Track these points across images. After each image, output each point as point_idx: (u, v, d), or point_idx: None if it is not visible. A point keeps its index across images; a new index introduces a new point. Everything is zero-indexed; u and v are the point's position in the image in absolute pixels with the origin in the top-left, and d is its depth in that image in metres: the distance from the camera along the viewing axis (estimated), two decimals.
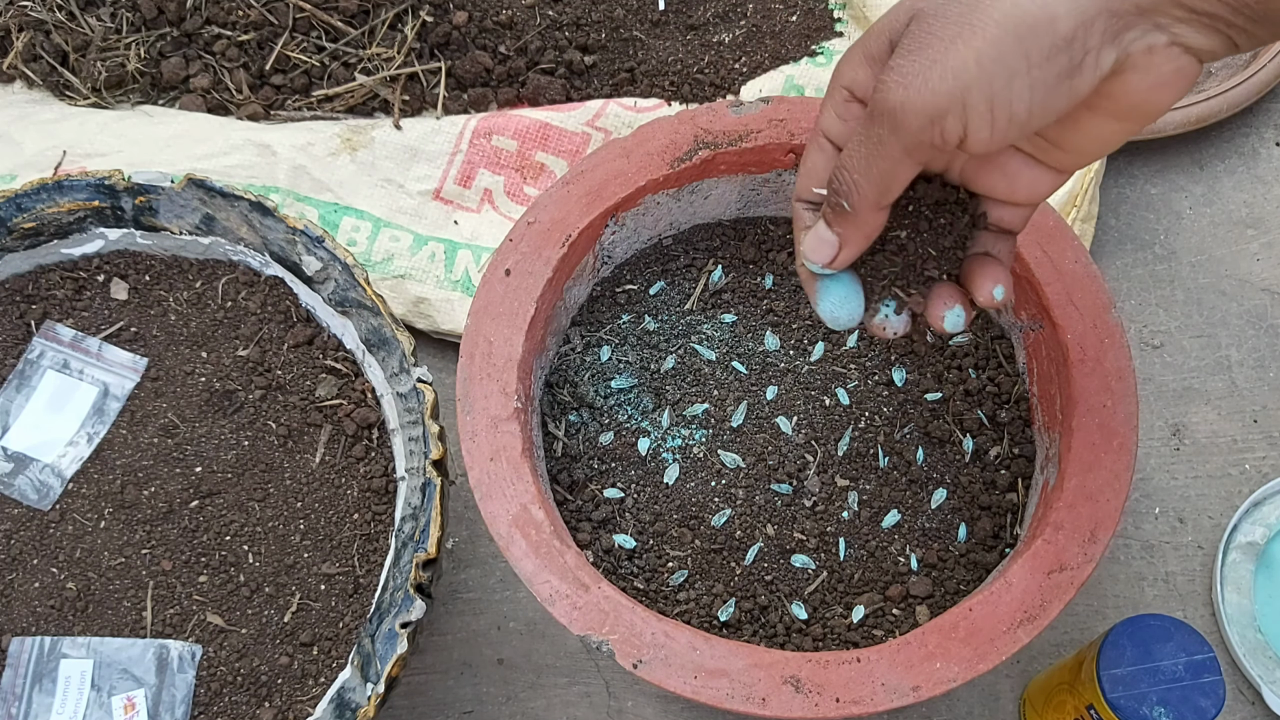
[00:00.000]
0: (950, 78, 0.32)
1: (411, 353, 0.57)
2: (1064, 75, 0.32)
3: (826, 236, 0.38)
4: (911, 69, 0.33)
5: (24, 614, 0.56)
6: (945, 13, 0.33)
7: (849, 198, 0.36)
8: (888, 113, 0.33)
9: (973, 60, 0.32)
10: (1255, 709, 0.64)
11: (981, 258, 0.41)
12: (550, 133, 0.74)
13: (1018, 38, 0.31)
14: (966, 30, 0.32)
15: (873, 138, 0.34)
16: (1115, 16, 0.32)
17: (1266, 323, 0.74)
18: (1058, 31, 0.31)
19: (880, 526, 0.56)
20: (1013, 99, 0.32)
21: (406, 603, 0.51)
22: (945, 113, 0.33)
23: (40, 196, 0.61)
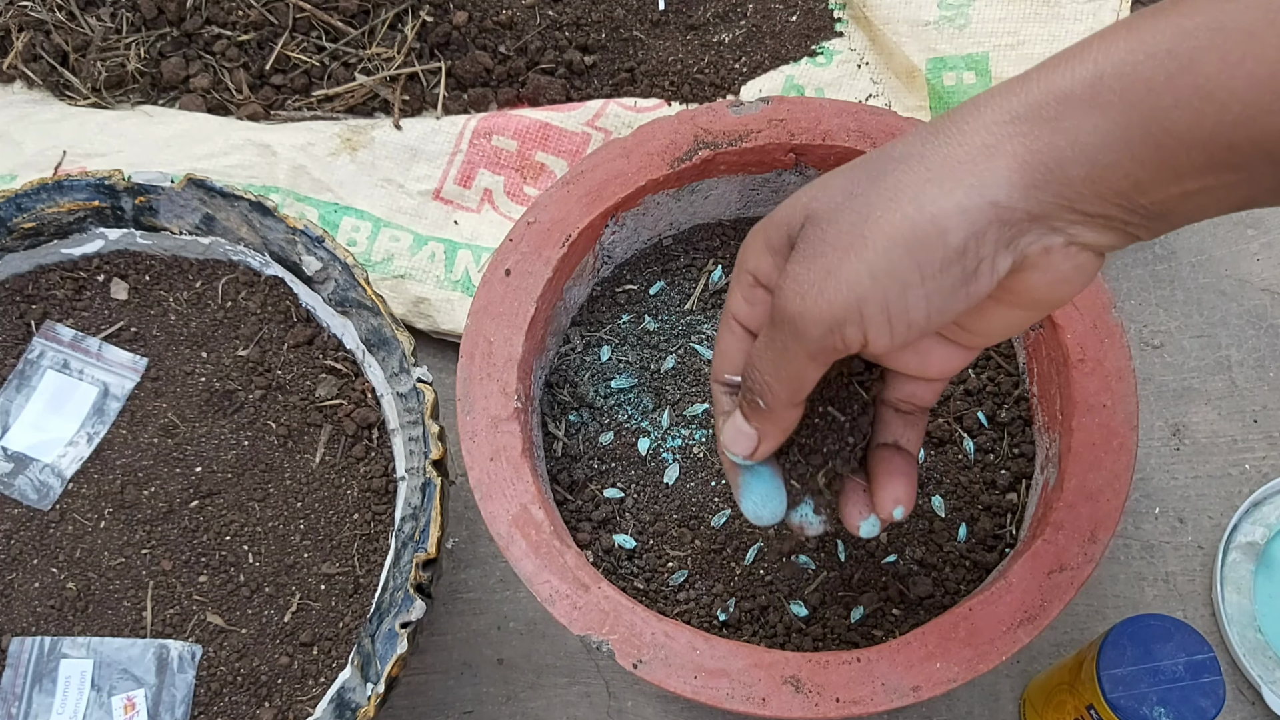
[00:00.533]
0: (845, 289, 0.32)
1: (411, 353, 0.57)
2: (959, 283, 0.32)
3: (745, 429, 0.39)
4: (807, 278, 0.33)
5: (24, 614, 0.56)
6: (838, 220, 0.33)
7: (763, 397, 0.37)
8: (788, 321, 0.34)
9: (866, 273, 0.32)
10: (1255, 709, 0.64)
11: (889, 454, 0.41)
12: (550, 133, 0.74)
13: (908, 250, 0.32)
14: (858, 241, 0.32)
15: (778, 344, 0.35)
16: (1007, 225, 0.32)
17: (1266, 323, 0.74)
18: (949, 244, 0.32)
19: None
20: (909, 308, 0.33)
21: (406, 603, 0.51)
22: (844, 323, 0.33)
23: (40, 196, 0.61)
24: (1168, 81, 0.30)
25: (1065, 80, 0.31)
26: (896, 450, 0.42)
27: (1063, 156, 0.31)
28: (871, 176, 0.33)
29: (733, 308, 0.39)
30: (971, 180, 0.31)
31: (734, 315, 0.39)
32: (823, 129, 0.58)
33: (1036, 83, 0.32)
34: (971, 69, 0.74)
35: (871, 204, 0.33)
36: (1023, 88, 0.32)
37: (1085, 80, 0.31)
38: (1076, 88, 0.31)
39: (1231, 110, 0.29)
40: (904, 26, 0.75)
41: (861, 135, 0.58)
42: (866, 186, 0.33)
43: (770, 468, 0.42)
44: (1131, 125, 0.30)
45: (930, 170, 0.32)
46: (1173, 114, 0.30)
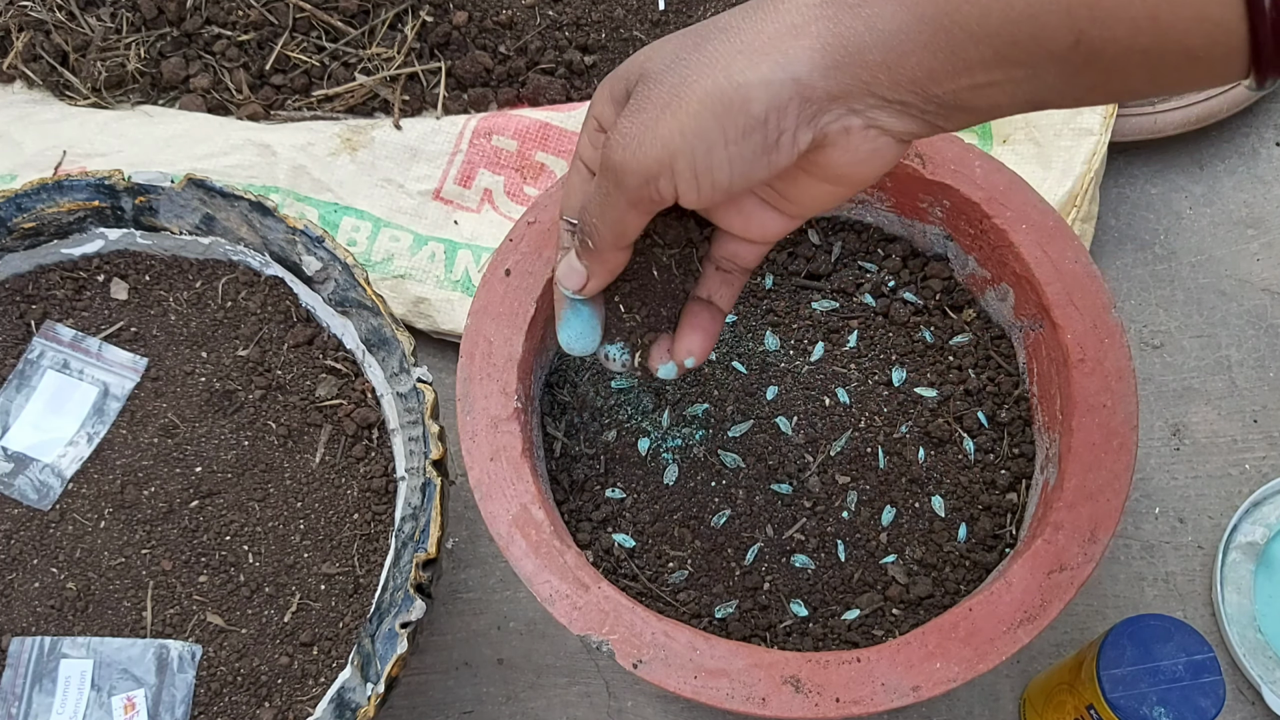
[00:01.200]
0: (659, 145, 0.35)
1: (411, 353, 0.57)
2: (760, 151, 0.35)
3: (576, 266, 0.42)
4: (630, 132, 0.36)
5: (24, 614, 0.56)
6: (663, 80, 0.36)
7: (592, 238, 0.40)
8: (612, 169, 0.37)
9: (678, 131, 0.35)
10: (1255, 709, 0.64)
11: (700, 307, 0.45)
12: (550, 133, 0.74)
13: (715, 115, 0.35)
14: (675, 101, 0.35)
15: (603, 189, 0.38)
16: (809, 102, 0.34)
17: (1266, 323, 0.74)
18: (751, 113, 0.34)
19: (880, 526, 0.56)
20: (713, 168, 0.36)
21: (406, 603, 0.51)
22: (658, 175, 0.36)
23: (40, 196, 0.61)
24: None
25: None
26: (707, 305, 0.45)
27: (862, 41, 0.33)
28: (696, 43, 0.36)
29: (580, 150, 0.42)
30: (777, 56, 0.34)
31: (580, 157, 0.42)
32: None
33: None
34: None
35: (690, 69, 0.35)
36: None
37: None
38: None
39: (1015, 7, 0.31)
40: None
41: None
42: (690, 52, 0.36)
43: (591, 307, 0.45)
44: (924, 16, 0.32)
45: (743, 43, 0.35)
46: (962, 8, 0.32)
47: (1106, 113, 0.72)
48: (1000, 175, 0.57)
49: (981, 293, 0.60)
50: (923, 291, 0.61)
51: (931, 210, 0.59)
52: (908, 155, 0.57)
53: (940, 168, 0.57)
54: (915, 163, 0.57)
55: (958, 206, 0.57)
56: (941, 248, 0.61)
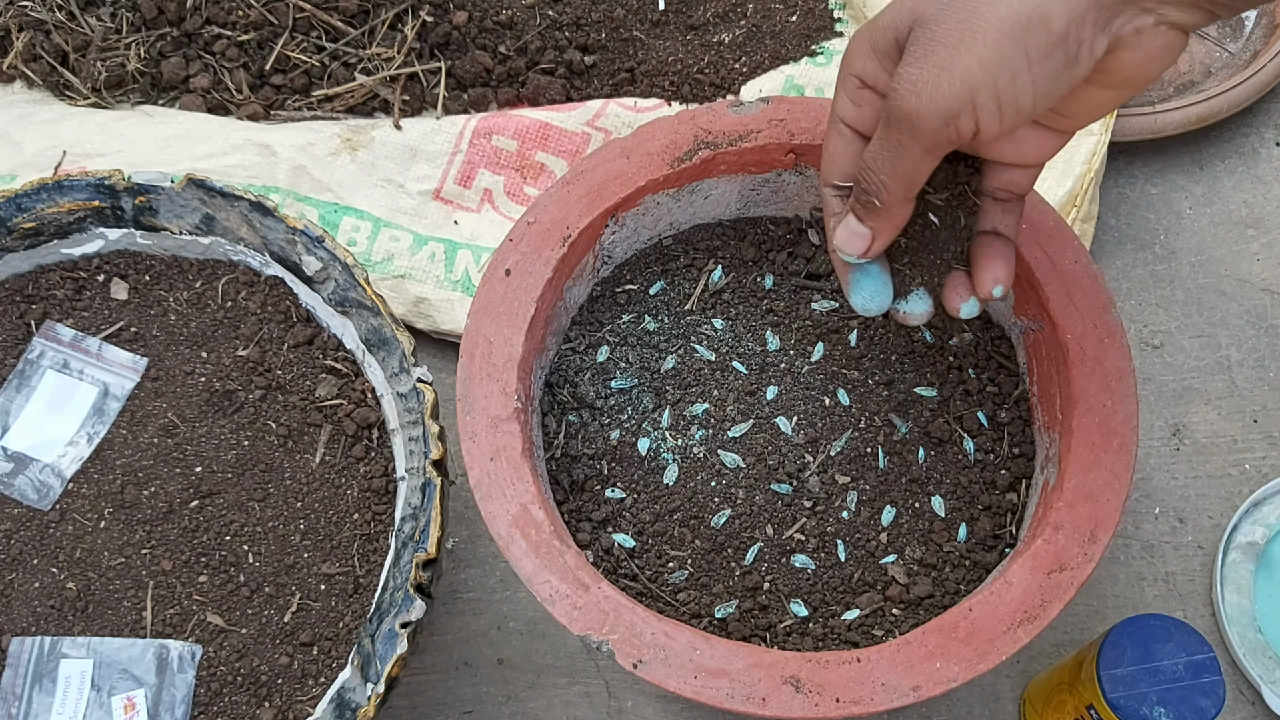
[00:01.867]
0: (959, 82, 0.34)
1: (411, 353, 0.57)
2: (1063, 67, 0.34)
3: (859, 230, 0.41)
4: (922, 77, 0.35)
5: (24, 614, 0.56)
6: (946, 19, 0.35)
7: (879, 195, 0.39)
8: (905, 119, 0.36)
9: (977, 65, 0.34)
10: (1255, 709, 0.64)
11: (988, 240, 0.43)
12: (550, 133, 0.74)
13: (1016, 39, 0.34)
14: (968, 36, 0.34)
15: (893, 142, 0.37)
16: (1103, 8, 0.34)
17: (1266, 323, 0.74)
18: (1052, 30, 0.33)
19: (880, 526, 0.56)
20: (1018, 94, 0.35)
21: (406, 603, 0.51)
22: (958, 114, 0.35)
23: (40, 196, 0.61)
24: None
25: None
26: (995, 236, 0.44)
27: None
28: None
29: (840, 110, 0.40)
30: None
31: (842, 118, 0.40)
32: (823, 129, 0.58)
33: None
34: None
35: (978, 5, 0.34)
36: None
37: None
38: None
39: None
40: None
41: None
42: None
43: (878, 264, 0.43)
44: None
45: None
46: None
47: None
48: None
49: None
50: None
51: None
52: None
53: None
54: None
55: None
56: None
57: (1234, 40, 0.83)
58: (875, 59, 0.38)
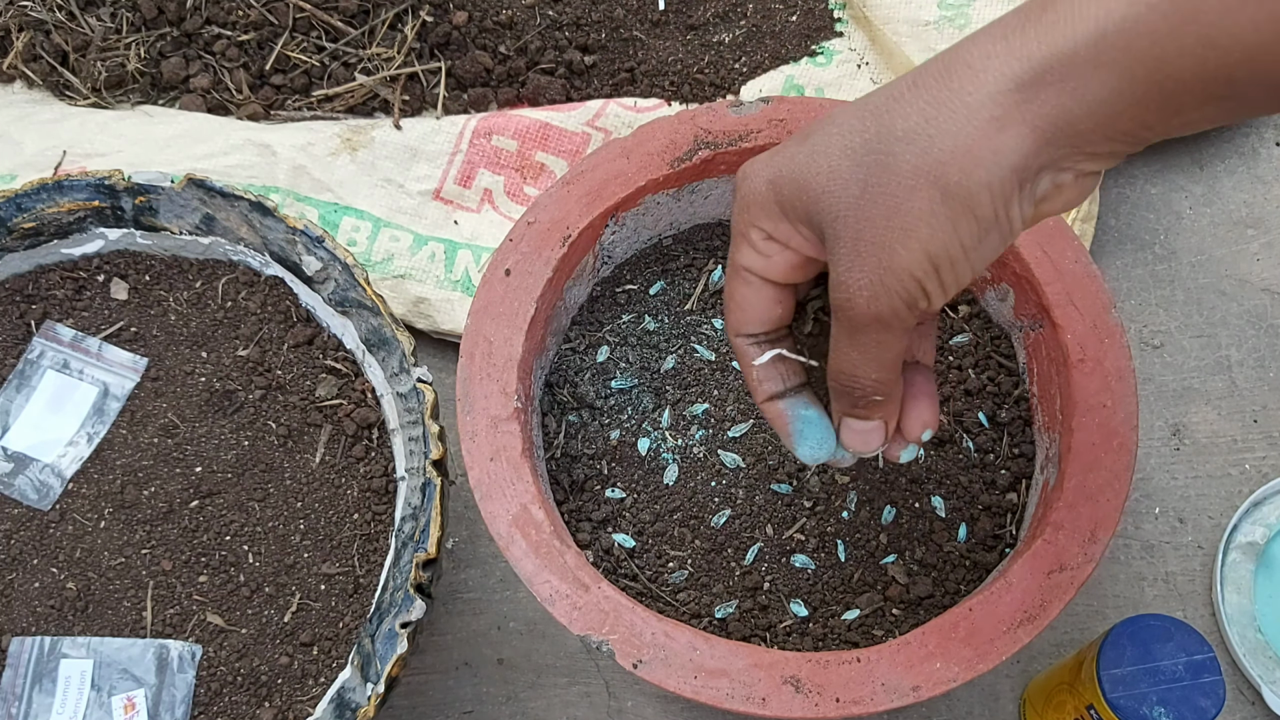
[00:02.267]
0: (907, 278, 0.35)
1: (411, 353, 0.57)
2: (997, 243, 0.35)
3: (871, 426, 0.41)
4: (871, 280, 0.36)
5: (24, 614, 0.56)
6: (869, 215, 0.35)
7: (878, 391, 0.40)
8: (872, 321, 0.37)
9: (920, 257, 0.35)
10: (1255, 709, 0.64)
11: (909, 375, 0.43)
12: (550, 133, 0.74)
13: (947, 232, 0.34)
14: (900, 234, 0.34)
15: (869, 342, 0.38)
16: (1024, 182, 0.34)
17: (1266, 323, 0.74)
18: (981, 216, 0.34)
19: (880, 526, 0.56)
20: (959, 275, 0.36)
21: (406, 603, 0.51)
22: (915, 301, 0.36)
23: (40, 196, 0.61)
24: (1171, 33, 0.31)
25: (1067, 41, 0.32)
26: (916, 368, 0.43)
27: (1071, 114, 0.33)
28: (881, 162, 0.35)
29: (746, 261, 0.40)
30: (989, 155, 0.33)
31: (748, 268, 0.40)
32: None
33: (1035, 43, 0.33)
34: None
35: (895, 195, 0.34)
36: (1022, 49, 0.33)
37: (1088, 39, 0.32)
38: (1080, 49, 0.32)
39: (1234, 54, 0.31)
40: (904, 26, 0.75)
41: None
42: (881, 174, 0.35)
43: (817, 410, 0.43)
44: (1136, 78, 0.32)
45: (944, 151, 0.34)
46: (1177, 62, 0.31)
47: None
48: None
49: (981, 293, 0.60)
50: None
51: None
52: None
53: None
54: None
55: None
56: None
57: None
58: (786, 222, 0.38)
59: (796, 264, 0.39)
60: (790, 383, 0.43)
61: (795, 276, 0.40)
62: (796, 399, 0.43)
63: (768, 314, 0.41)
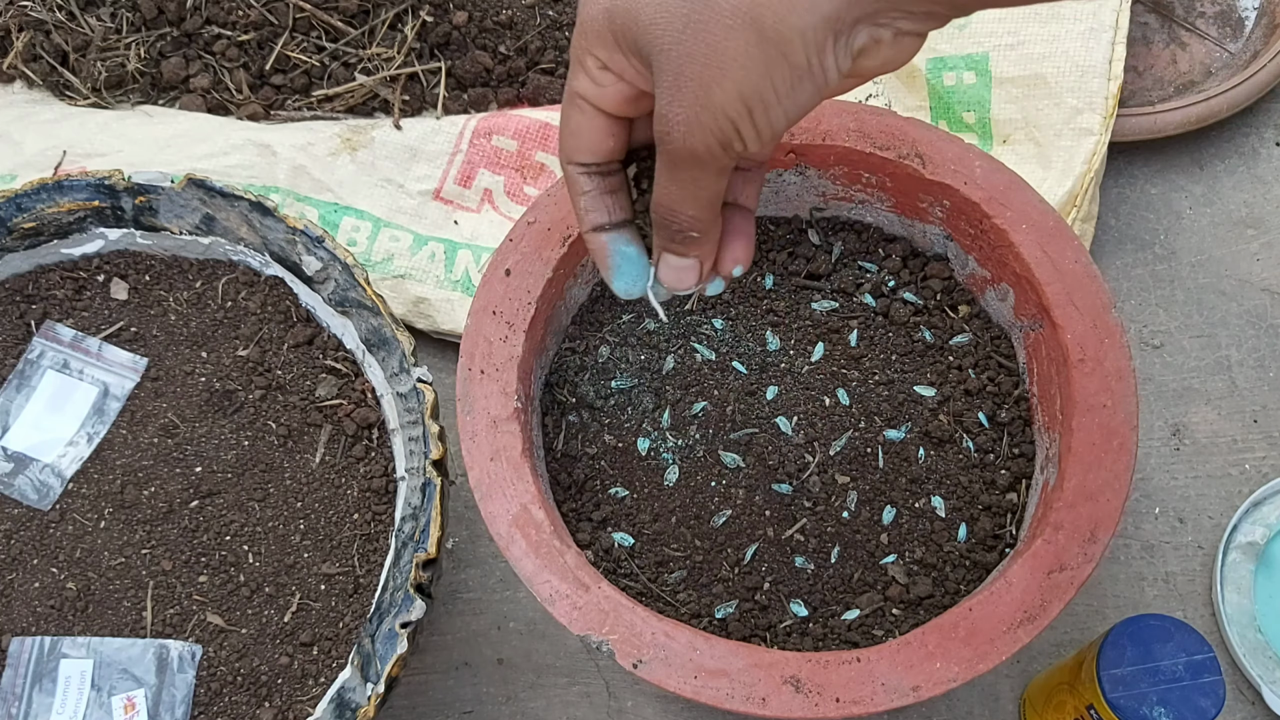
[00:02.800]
0: (720, 115, 0.36)
1: (411, 353, 0.57)
2: (811, 92, 0.36)
3: (685, 263, 0.42)
4: (687, 115, 0.36)
5: (24, 614, 0.56)
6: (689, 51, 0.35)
7: (694, 228, 0.40)
8: (687, 155, 0.37)
9: (734, 97, 0.35)
10: (1255, 709, 0.64)
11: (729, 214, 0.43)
12: (550, 133, 0.74)
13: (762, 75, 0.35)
14: (716, 72, 0.35)
15: (686, 178, 0.38)
16: (839, 33, 0.35)
17: (1266, 323, 0.74)
18: (795, 63, 0.35)
19: (880, 526, 0.56)
20: (772, 120, 0.36)
21: (406, 603, 0.51)
22: (729, 140, 0.36)
23: (40, 196, 0.61)
24: None
25: None
26: (736, 209, 0.44)
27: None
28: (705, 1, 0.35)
29: (580, 88, 0.40)
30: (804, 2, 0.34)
31: (582, 95, 0.40)
32: (822, 129, 0.58)
33: None
34: (971, 69, 0.74)
35: (716, 36, 0.35)
36: None
37: None
38: None
39: None
40: None
41: (861, 135, 0.58)
42: (703, 10, 0.35)
43: (637, 248, 0.44)
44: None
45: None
46: None
47: (1107, 113, 0.72)
48: (1000, 175, 0.57)
49: (981, 293, 0.60)
50: (923, 291, 0.61)
51: (931, 210, 0.59)
52: (908, 156, 0.57)
53: (940, 168, 0.57)
54: (915, 163, 0.57)
55: (958, 206, 0.57)
56: (941, 248, 0.61)
57: (1234, 40, 0.83)
58: (618, 50, 0.39)
59: (629, 96, 0.40)
60: (615, 217, 0.43)
61: (628, 110, 0.40)
62: (619, 234, 0.43)
63: (600, 144, 0.41)
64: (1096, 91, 0.72)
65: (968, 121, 0.74)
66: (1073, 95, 0.72)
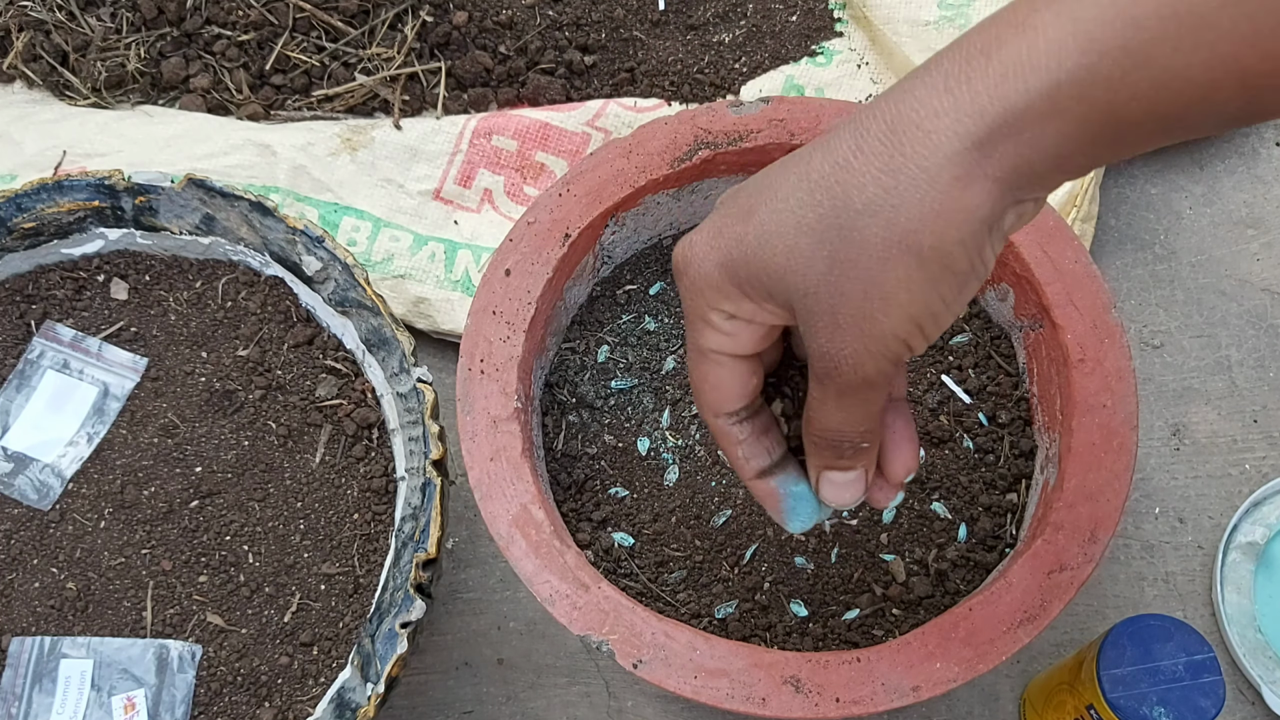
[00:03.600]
0: (888, 340, 0.35)
1: (411, 353, 0.57)
2: (976, 285, 0.36)
3: (849, 477, 0.41)
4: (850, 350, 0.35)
5: (24, 614, 0.56)
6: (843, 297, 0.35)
7: (865, 440, 0.39)
8: (860, 383, 0.36)
9: (903, 320, 0.35)
10: (1255, 709, 0.64)
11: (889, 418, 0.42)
12: (550, 133, 0.74)
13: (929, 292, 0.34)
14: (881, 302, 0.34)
15: (855, 400, 0.37)
16: (995, 226, 0.34)
17: (1266, 323, 0.74)
18: (958, 271, 0.34)
19: (880, 526, 0.56)
20: (940, 326, 0.36)
21: (406, 603, 0.51)
22: (902, 357, 0.36)
23: (40, 196, 0.61)
24: (1124, 79, 0.31)
25: (1020, 96, 0.32)
26: (892, 408, 0.43)
27: (1031, 162, 0.33)
28: (846, 237, 0.34)
29: (714, 344, 0.39)
30: (960, 215, 0.33)
31: (717, 350, 0.40)
32: (823, 129, 0.58)
33: (987, 99, 0.32)
34: None
35: (871, 270, 0.34)
36: (972, 105, 0.33)
37: (1042, 92, 0.32)
38: (1035, 102, 0.32)
39: (1186, 95, 0.31)
40: (904, 26, 0.75)
41: None
42: (847, 249, 0.34)
43: (806, 485, 0.42)
44: (1090, 122, 0.32)
45: (912, 219, 0.33)
46: (1130, 105, 0.31)
47: None
48: None
49: (981, 293, 0.60)
50: None
51: None
52: None
53: None
54: None
55: None
56: None
57: None
58: (745, 299, 0.38)
59: (764, 334, 0.39)
60: (775, 455, 0.42)
61: (764, 345, 0.40)
62: (785, 475, 0.42)
63: (744, 387, 0.40)
64: None
65: None
66: None
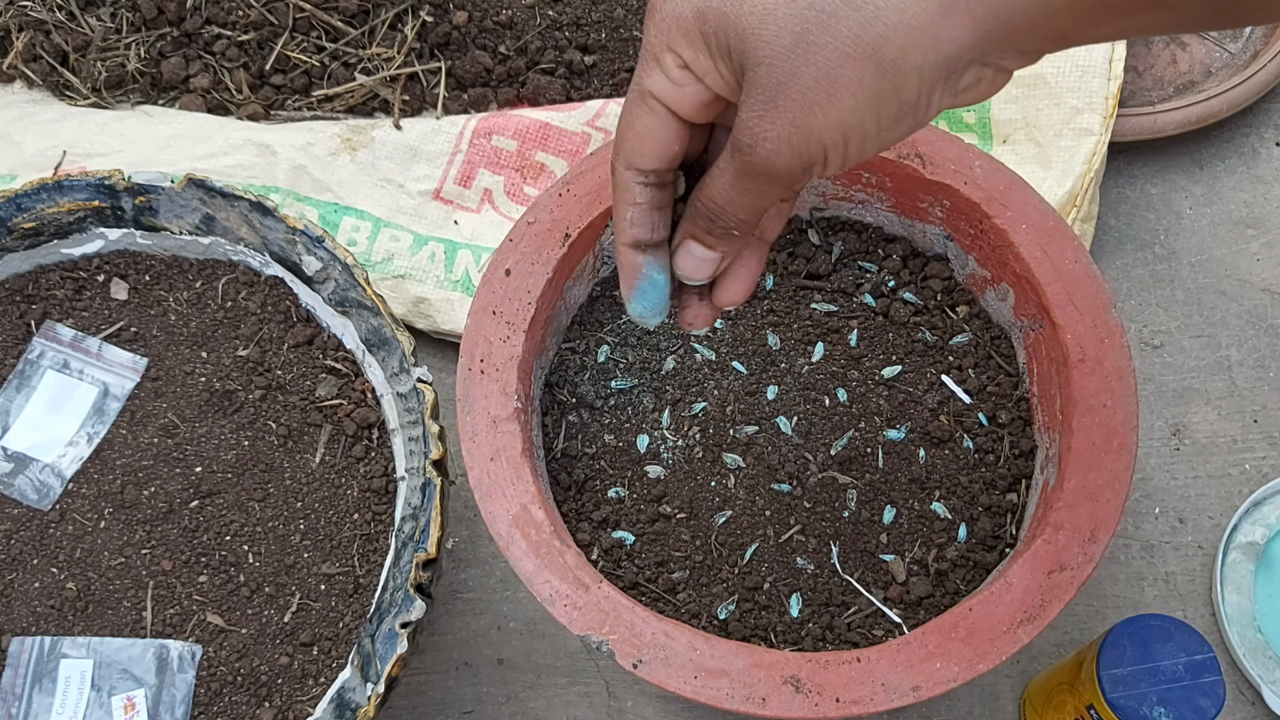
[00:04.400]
0: (814, 142, 0.34)
1: (411, 353, 0.57)
2: (909, 127, 0.35)
3: (708, 255, 0.41)
4: (779, 134, 0.35)
5: (24, 614, 0.56)
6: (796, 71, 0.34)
7: (736, 228, 0.39)
8: (766, 171, 0.36)
9: (834, 126, 0.34)
10: (1255, 709, 0.64)
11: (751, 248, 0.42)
12: (550, 133, 0.74)
13: (871, 107, 0.34)
14: (824, 98, 0.34)
15: (751, 187, 0.37)
16: (954, 73, 0.34)
17: (1266, 323, 0.74)
18: (904, 99, 0.34)
19: (880, 526, 0.56)
20: (865, 150, 0.35)
21: (406, 603, 0.51)
22: (812, 166, 0.35)
23: (40, 196, 0.61)
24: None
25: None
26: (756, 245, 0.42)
27: (1014, 7, 0.32)
28: (821, 20, 0.34)
29: (655, 87, 0.38)
30: (928, 40, 0.33)
31: (657, 95, 0.38)
32: None
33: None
34: None
35: (830, 61, 0.34)
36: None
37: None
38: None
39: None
40: None
41: None
42: (818, 32, 0.34)
43: (667, 276, 0.42)
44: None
45: (887, 26, 0.33)
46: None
47: (1107, 113, 0.72)
48: (1000, 175, 0.57)
49: (981, 293, 0.60)
50: (923, 291, 0.61)
51: (932, 210, 0.59)
52: (908, 156, 0.57)
53: (940, 168, 0.57)
54: (915, 163, 0.57)
55: (958, 206, 0.57)
56: (941, 248, 0.61)
57: (1234, 40, 0.83)
58: (704, 51, 0.36)
59: (706, 101, 0.38)
60: (657, 235, 0.41)
61: (700, 115, 0.38)
62: (656, 258, 0.41)
63: (666, 150, 0.39)
64: (1096, 91, 0.72)
65: (968, 121, 0.74)
66: (1073, 95, 0.72)
